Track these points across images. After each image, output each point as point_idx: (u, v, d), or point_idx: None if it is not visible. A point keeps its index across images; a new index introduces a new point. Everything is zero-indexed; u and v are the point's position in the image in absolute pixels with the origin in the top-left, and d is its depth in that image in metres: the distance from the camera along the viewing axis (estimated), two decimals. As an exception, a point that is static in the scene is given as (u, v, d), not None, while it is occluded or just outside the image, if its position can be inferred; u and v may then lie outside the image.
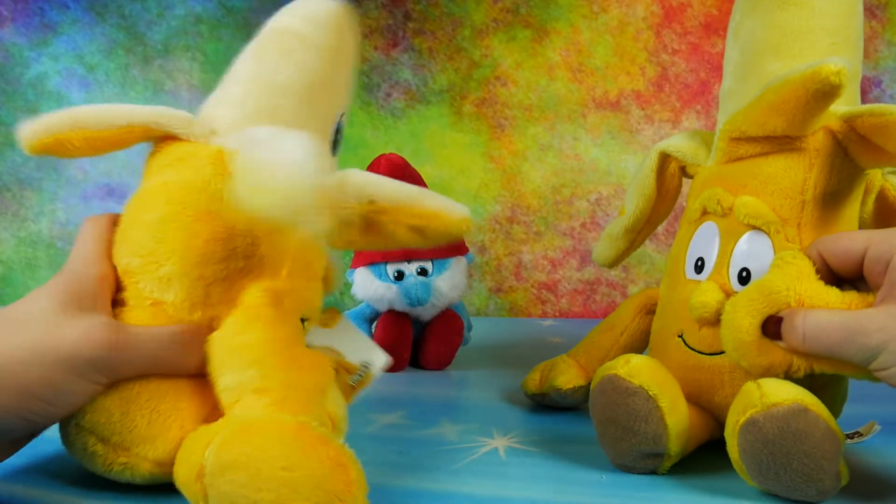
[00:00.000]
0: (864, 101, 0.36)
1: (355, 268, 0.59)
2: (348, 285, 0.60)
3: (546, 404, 0.45)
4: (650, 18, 0.85)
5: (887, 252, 0.30)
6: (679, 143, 0.40)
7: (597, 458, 0.36)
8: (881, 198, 0.37)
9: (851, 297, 0.31)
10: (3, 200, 0.95)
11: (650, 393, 0.33)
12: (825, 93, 0.31)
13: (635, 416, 0.33)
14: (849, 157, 0.34)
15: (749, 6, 0.38)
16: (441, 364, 0.58)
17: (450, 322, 0.59)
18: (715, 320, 0.34)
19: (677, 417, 0.33)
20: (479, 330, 0.66)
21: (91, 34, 0.91)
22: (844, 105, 0.34)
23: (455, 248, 0.59)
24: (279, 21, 0.37)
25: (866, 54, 0.81)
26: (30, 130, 0.32)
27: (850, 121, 0.33)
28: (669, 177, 0.42)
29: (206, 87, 0.91)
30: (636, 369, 0.33)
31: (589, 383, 0.43)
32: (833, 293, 0.31)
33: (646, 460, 0.34)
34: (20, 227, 0.95)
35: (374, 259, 0.57)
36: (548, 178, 0.87)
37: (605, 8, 0.85)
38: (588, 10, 0.85)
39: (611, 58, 0.86)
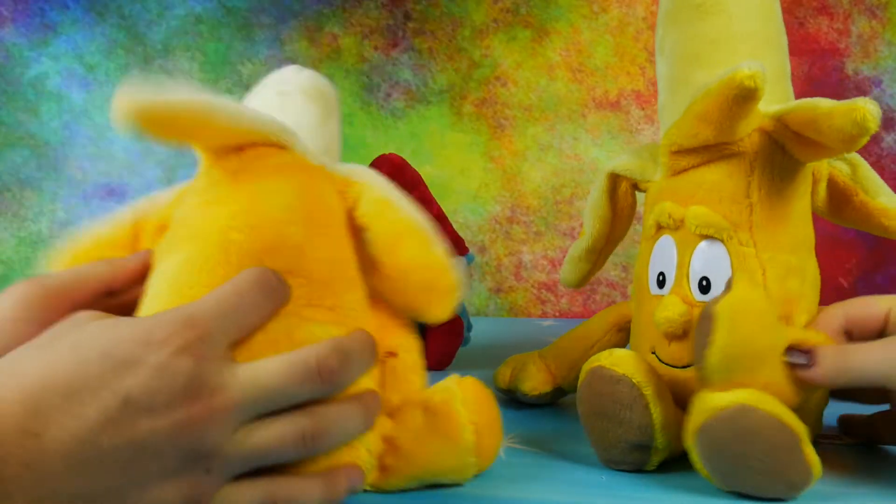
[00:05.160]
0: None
1: (355, 268, 0.59)
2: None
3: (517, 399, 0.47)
4: (650, 18, 0.85)
5: None
6: (627, 163, 0.41)
7: (596, 459, 0.36)
8: (832, 185, 0.38)
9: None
10: (3, 200, 0.95)
11: (634, 381, 0.33)
12: (744, 97, 0.31)
13: (620, 403, 0.33)
14: (787, 154, 0.35)
15: (669, 20, 0.39)
16: (441, 364, 0.58)
17: (450, 322, 0.59)
18: (682, 333, 0.35)
19: (662, 408, 0.33)
20: (479, 330, 0.66)
21: (91, 34, 0.91)
22: (776, 104, 0.35)
23: (455, 248, 0.59)
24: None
25: (866, 54, 0.81)
26: (148, 102, 0.27)
27: (780, 119, 0.34)
28: (622, 196, 0.42)
29: (206, 88, 0.91)
30: (620, 359, 0.34)
31: (554, 389, 0.45)
32: (814, 332, 0.33)
33: (633, 453, 0.34)
34: (20, 227, 0.95)
35: (374, 259, 0.57)
36: (548, 178, 0.87)
37: (605, 8, 0.85)
38: (588, 10, 0.85)
39: (611, 58, 0.86)
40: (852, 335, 0.33)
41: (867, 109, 0.29)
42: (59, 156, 0.93)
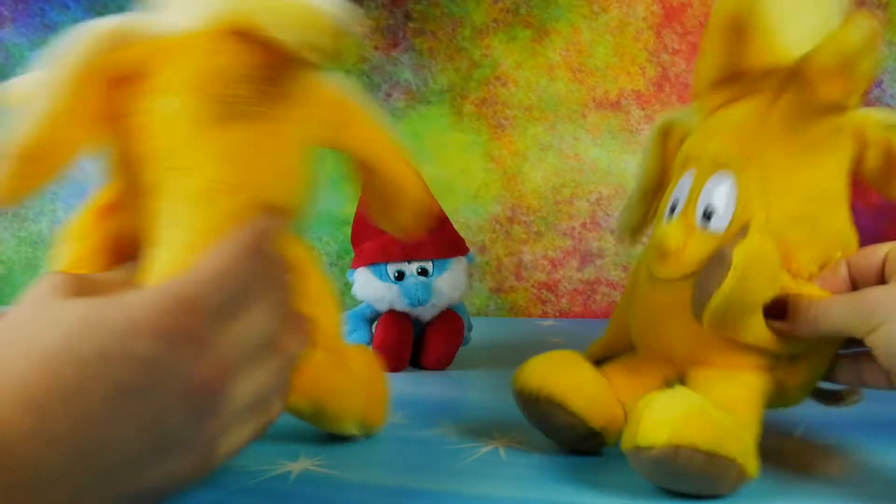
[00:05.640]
0: (863, 101, 0.35)
1: (355, 268, 0.59)
2: (348, 285, 0.60)
3: None
4: (650, 18, 0.85)
5: None
6: (680, 111, 0.42)
7: (596, 459, 0.36)
8: (889, 155, 0.35)
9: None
10: (3, 200, 0.95)
11: (542, 395, 0.35)
12: (735, 24, 0.32)
13: (544, 417, 0.36)
14: (815, 98, 0.34)
15: None
16: (441, 364, 0.58)
17: (450, 322, 0.59)
18: (677, 252, 0.36)
19: (581, 399, 0.35)
20: (479, 330, 0.66)
21: (91, 34, 0.91)
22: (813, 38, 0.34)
23: (455, 248, 0.59)
24: None
25: (866, 54, 0.81)
26: None
27: (805, 62, 0.33)
28: (673, 147, 0.43)
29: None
30: (527, 375, 0.36)
31: None
32: (811, 285, 0.33)
33: (585, 442, 0.36)
34: (20, 227, 0.95)
35: (374, 259, 0.57)
36: (548, 178, 0.87)
37: (605, 8, 0.85)
38: (588, 10, 0.85)
39: (611, 58, 0.86)
40: (857, 283, 0.33)
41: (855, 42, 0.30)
42: (60, 156, 0.93)
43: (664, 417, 0.30)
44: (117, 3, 0.91)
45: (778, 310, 0.33)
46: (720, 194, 0.35)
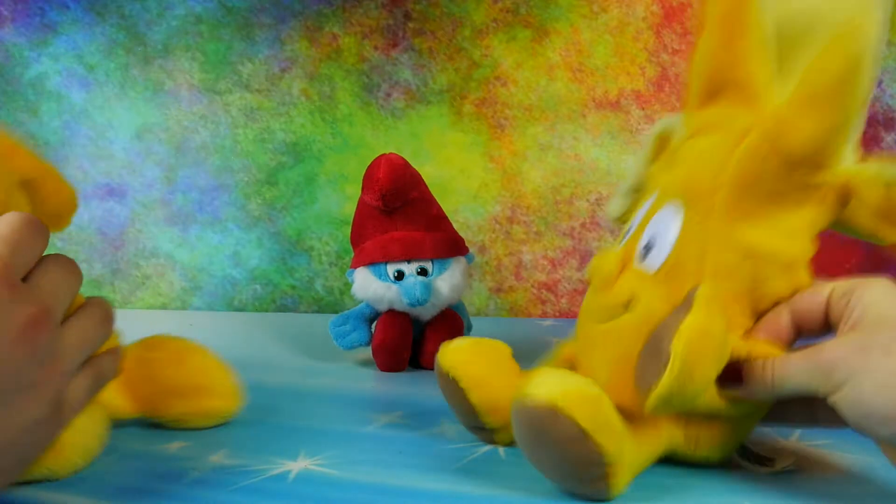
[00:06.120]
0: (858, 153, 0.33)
1: (355, 268, 0.59)
2: (348, 285, 0.60)
3: None
4: (650, 18, 0.85)
5: (852, 287, 0.30)
6: (673, 122, 0.40)
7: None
8: (888, 211, 0.32)
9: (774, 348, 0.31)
10: (3, 200, 0.95)
11: (451, 375, 0.36)
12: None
13: (449, 395, 0.38)
14: (788, 162, 0.30)
15: None
16: (441, 364, 0.58)
17: (450, 322, 0.59)
18: (604, 286, 0.34)
19: (483, 395, 0.36)
20: (479, 330, 0.66)
21: (91, 34, 0.91)
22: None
23: (455, 248, 0.59)
24: None
25: (866, 54, 0.81)
26: None
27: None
28: (665, 156, 0.41)
29: (206, 87, 0.92)
30: (448, 353, 0.37)
31: None
32: (762, 343, 0.32)
33: (478, 433, 0.38)
34: (20, 227, 0.95)
35: (374, 259, 0.57)
36: (548, 178, 0.87)
37: (605, 8, 0.85)
38: (588, 10, 0.85)
39: (611, 58, 0.86)
40: (802, 329, 0.32)
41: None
42: (59, 156, 0.93)
43: (560, 382, 0.29)
44: (117, 3, 0.91)
45: (729, 373, 0.30)
46: (664, 230, 0.33)
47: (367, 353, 0.60)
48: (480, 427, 0.37)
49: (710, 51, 0.34)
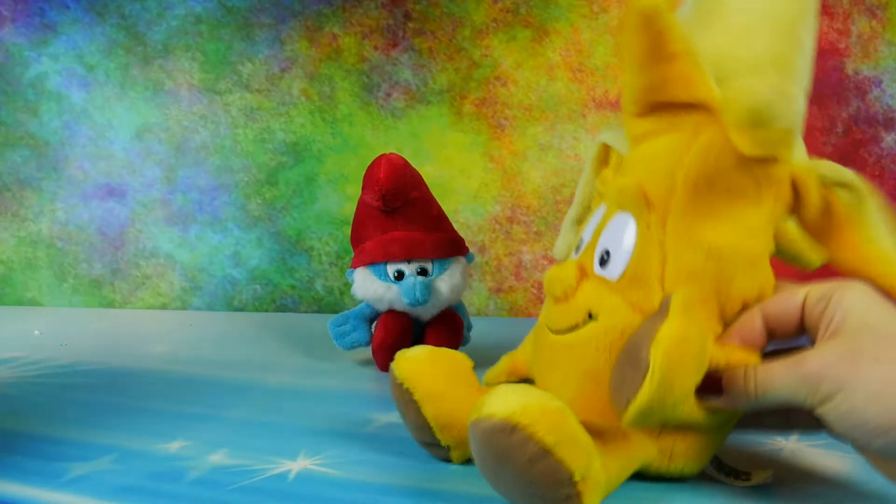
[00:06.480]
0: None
1: (355, 268, 0.59)
2: (348, 285, 0.60)
3: None
4: (650, 18, 0.85)
5: (828, 292, 0.29)
6: (616, 134, 0.38)
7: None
8: (826, 209, 0.32)
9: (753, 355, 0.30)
10: (3, 200, 0.95)
11: (405, 386, 0.35)
12: (644, 24, 0.29)
13: (402, 407, 0.36)
14: (743, 157, 0.30)
15: None
16: (441, 364, 0.58)
17: (450, 322, 0.59)
18: (562, 296, 0.33)
19: (438, 409, 0.34)
20: (479, 330, 0.66)
21: (91, 34, 0.91)
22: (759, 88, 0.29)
23: (455, 248, 0.59)
24: None
25: (866, 54, 0.81)
26: None
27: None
28: (613, 167, 0.39)
29: (206, 87, 0.92)
30: (402, 363, 0.35)
31: (520, 380, 0.41)
32: (739, 350, 0.30)
33: (433, 450, 0.36)
34: (20, 227, 0.95)
35: (374, 259, 0.57)
36: (548, 177, 0.87)
37: (605, 8, 0.85)
38: (588, 10, 0.85)
39: (611, 58, 0.86)
40: (775, 333, 0.31)
41: (762, 99, 0.27)
42: (59, 156, 0.93)
43: (517, 396, 0.27)
44: (117, 3, 0.91)
45: (707, 382, 0.29)
46: (619, 237, 0.32)
47: (367, 353, 0.60)
48: (435, 444, 0.35)
49: (638, 72, 0.32)
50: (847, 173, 0.31)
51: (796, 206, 0.32)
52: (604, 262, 0.32)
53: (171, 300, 0.94)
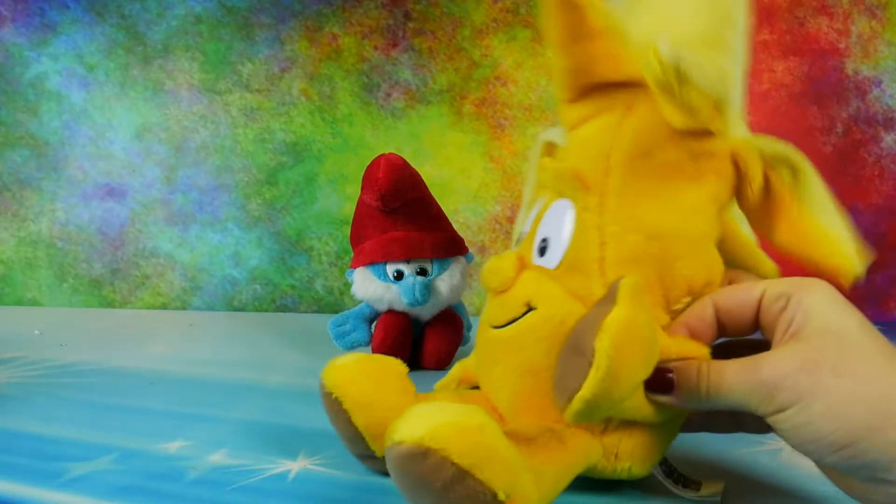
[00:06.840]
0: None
1: (355, 268, 0.59)
2: (348, 285, 0.60)
3: None
4: (650, 18, 0.85)
5: (788, 290, 0.27)
6: (556, 131, 0.37)
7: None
8: (767, 189, 0.30)
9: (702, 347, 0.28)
10: (3, 200, 0.95)
11: (334, 395, 0.33)
12: (562, 4, 0.29)
13: (333, 417, 0.34)
14: (676, 131, 0.29)
15: None
16: (441, 364, 0.58)
17: (450, 322, 0.59)
18: (502, 290, 0.32)
19: (369, 418, 0.32)
20: (479, 330, 0.66)
21: (91, 34, 0.91)
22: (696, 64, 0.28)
23: (455, 248, 0.59)
24: None
25: (866, 54, 0.81)
26: None
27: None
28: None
29: (206, 87, 0.92)
30: (332, 371, 0.34)
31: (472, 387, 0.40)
32: (690, 342, 0.28)
33: (369, 462, 0.34)
34: (20, 227, 0.95)
35: (373, 259, 0.57)
36: (548, 178, 0.87)
37: (605, 8, 0.85)
38: (588, 10, 0.85)
39: (611, 58, 0.86)
40: (727, 328, 0.29)
41: (678, 55, 0.26)
42: (59, 156, 0.93)
43: (428, 418, 0.24)
44: (117, 3, 0.91)
45: (656, 376, 0.27)
46: (557, 224, 0.31)
47: (367, 353, 0.60)
48: (370, 455, 0.33)
49: (563, 55, 0.31)
50: (786, 148, 0.29)
51: (739, 185, 0.30)
52: (543, 251, 0.31)
53: (171, 300, 0.94)
